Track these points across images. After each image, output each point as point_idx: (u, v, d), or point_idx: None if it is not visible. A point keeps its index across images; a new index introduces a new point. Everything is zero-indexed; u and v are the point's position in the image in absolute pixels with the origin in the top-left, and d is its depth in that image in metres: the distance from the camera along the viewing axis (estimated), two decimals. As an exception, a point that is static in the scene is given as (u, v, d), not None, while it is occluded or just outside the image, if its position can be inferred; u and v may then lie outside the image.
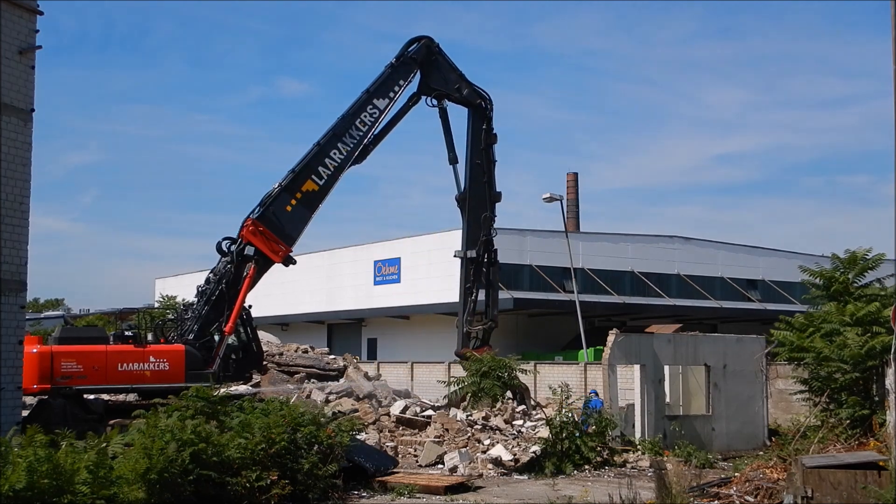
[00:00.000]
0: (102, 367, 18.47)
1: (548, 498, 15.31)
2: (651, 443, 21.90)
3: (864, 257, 20.23)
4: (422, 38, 24.48)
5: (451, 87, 25.16)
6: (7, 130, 15.17)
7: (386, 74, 23.75)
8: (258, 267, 21.24)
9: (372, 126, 23.10)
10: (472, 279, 25.94)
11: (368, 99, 23.16)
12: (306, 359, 29.53)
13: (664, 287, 47.48)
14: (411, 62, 24.16)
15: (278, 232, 21.48)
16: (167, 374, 19.01)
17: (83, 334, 19.98)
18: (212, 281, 21.12)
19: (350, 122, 22.70)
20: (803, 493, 12.62)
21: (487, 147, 25.83)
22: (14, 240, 15.21)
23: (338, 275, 49.90)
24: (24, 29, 15.66)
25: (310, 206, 21.99)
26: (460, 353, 26.10)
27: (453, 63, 25.26)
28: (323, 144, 22.26)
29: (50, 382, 17.81)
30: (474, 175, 25.69)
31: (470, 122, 25.72)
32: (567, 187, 54.31)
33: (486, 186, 25.99)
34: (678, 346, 24.15)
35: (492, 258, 26.22)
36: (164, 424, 13.21)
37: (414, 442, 21.21)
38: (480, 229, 25.88)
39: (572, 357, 35.43)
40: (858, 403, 18.11)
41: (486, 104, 25.70)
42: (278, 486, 13.66)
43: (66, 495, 11.50)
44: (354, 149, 22.66)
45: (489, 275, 26.28)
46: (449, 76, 25.04)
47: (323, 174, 22.07)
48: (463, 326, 25.97)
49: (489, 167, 25.92)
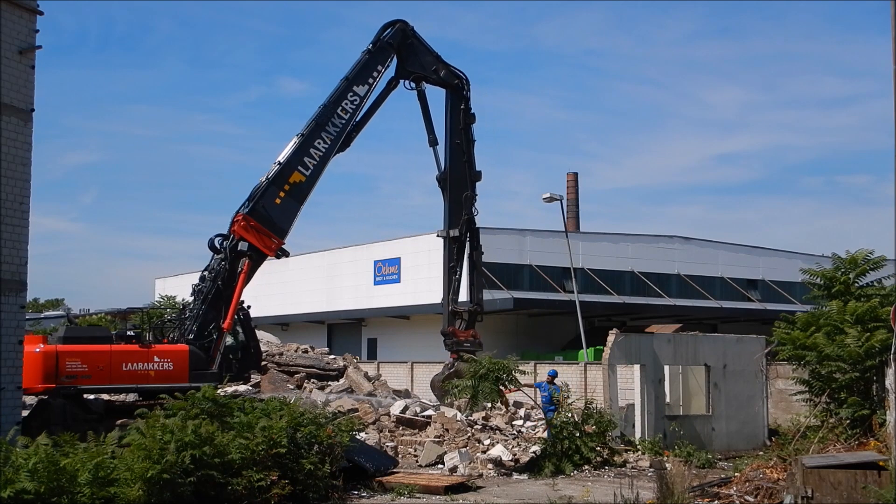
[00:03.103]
0: (107, 366, 18.36)
1: (548, 498, 15.31)
2: (651, 443, 21.89)
3: (865, 258, 20.25)
4: (396, 23, 24.53)
5: (429, 69, 25.34)
6: (7, 130, 15.16)
7: (364, 61, 23.74)
8: (252, 262, 21.20)
9: (354, 113, 23.17)
10: (455, 258, 26.04)
11: (348, 86, 23.19)
12: (306, 359, 29.53)
13: (664, 287, 47.47)
14: (388, 47, 24.21)
15: (270, 225, 21.46)
16: (171, 374, 18.94)
17: (87, 334, 19.87)
18: (207, 279, 21.07)
19: (332, 110, 22.72)
20: (803, 493, 12.62)
21: (466, 127, 26.13)
22: (14, 240, 15.20)
23: (338, 275, 49.88)
24: (24, 29, 15.65)
25: (298, 197, 22.01)
26: (447, 332, 26.11)
27: (429, 45, 25.42)
28: (307, 135, 22.24)
29: (55, 382, 17.70)
30: (454, 155, 25.97)
31: (448, 103, 25.90)
32: (567, 187, 54.30)
33: (466, 166, 26.23)
34: (678, 346, 24.14)
35: (475, 241, 26.40)
36: (165, 425, 13.20)
37: (414, 442, 21.20)
38: (462, 209, 26.04)
39: (572, 357, 35.41)
40: (858, 403, 18.12)
41: (463, 84, 25.89)
42: (278, 486, 13.66)
43: (65, 496, 11.51)
44: (338, 137, 22.72)
45: (472, 258, 26.45)
46: (425, 58, 25.21)
47: (309, 164, 22.09)
48: (449, 305, 26.03)
49: (468, 147, 26.21)
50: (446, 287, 26.28)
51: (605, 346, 23.12)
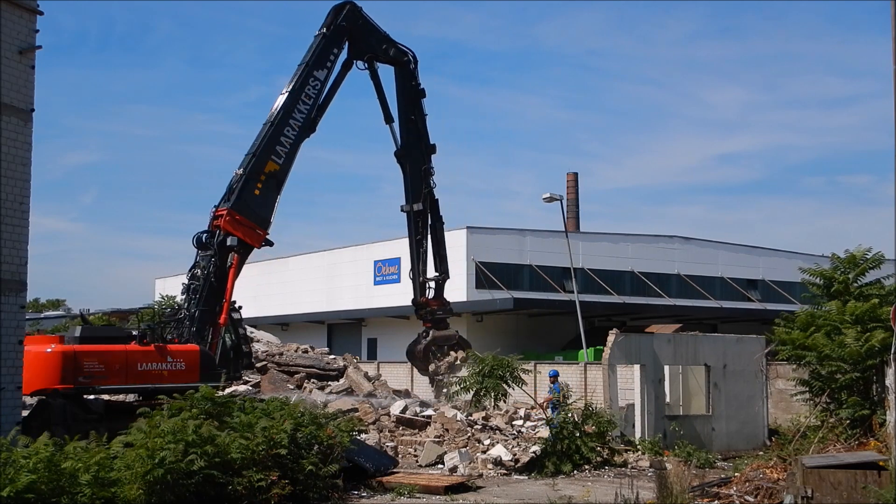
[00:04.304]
0: (123, 366, 18.34)
1: (548, 498, 15.31)
2: (651, 443, 21.90)
3: (863, 257, 20.24)
4: (346, 5, 24.74)
5: (379, 48, 25.80)
6: (7, 130, 15.15)
7: (321, 45, 23.96)
8: (240, 256, 21.33)
9: (316, 98, 23.54)
10: (420, 231, 26.79)
11: (309, 72, 23.45)
12: (306, 359, 29.54)
13: (664, 287, 47.46)
14: (342, 29, 24.43)
15: (254, 217, 21.62)
16: (183, 374, 18.96)
17: (103, 333, 19.86)
18: (200, 277, 21.08)
19: (297, 97, 23.03)
20: (803, 493, 12.62)
21: (417, 102, 26.34)
22: (14, 240, 15.18)
23: (338, 275, 49.86)
24: (24, 29, 15.63)
25: (275, 186, 22.31)
26: (419, 302, 26.93)
27: (377, 24, 25.78)
28: (276, 124, 22.50)
29: (73, 382, 17.67)
30: (409, 130, 26.42)
31: (398, 81, 26.28)
32: (567, 187, 54.30)
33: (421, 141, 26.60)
34: (678, 346, 24.15)
35: (436, 213, 26.85)
36: (167, 425, 13.20)
37: (414, 442, 21.20)
38: (422, 182, 26.34)
39: (572, 357, 35.38)
40: (858, 403, 18.12)
41: (411, 60, 26.24)
42: (278, 486, 13.66)
43: (66, 496, 11.51)
44: (305, 123, 23.08)
45: (435, 230, 26.65)
46: (376, 38, 25.57)
47: (281, 153, 22.38)
48: (419, 276, 26.85)
49: (422, 121, 26.42)
50: (415, 259, 26.84)
51: (605, 346, 23.13)
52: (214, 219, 21.39)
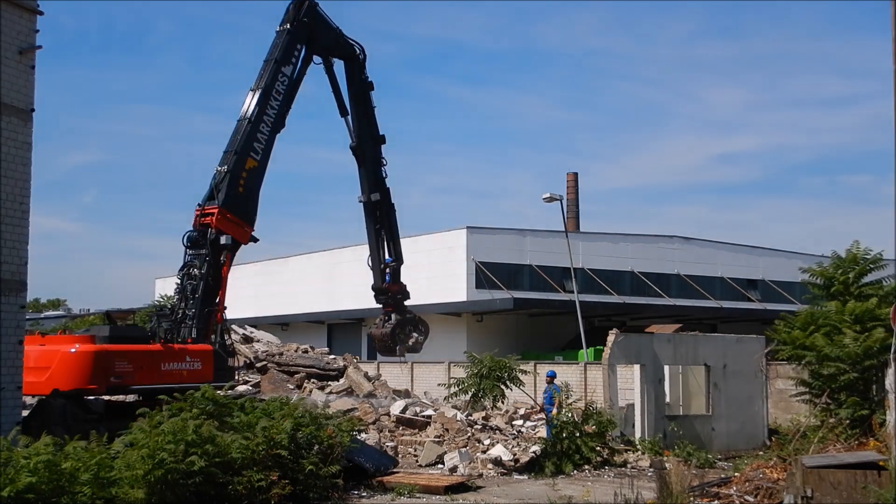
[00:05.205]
0: (148, 366, 18.54)
1: (548, 498, 15.32)
2: (651, 443, 21.90)
3: (863, 257, 20.25)
4: (305, 1, 24.90)
5: (335, 43, 26.04)
6: (7, 130, 15.15)
7: (287, 41, 24.13)
8: (231, 253, 21.55)
9: (285, 94, 23.70)
10: (379, 220, 27.51)
11: (278, 68, 23.67)
12: (306, 359, 29.57)
13: (664, 287, 47.46)
14: (304, 25, 24.57)
15: (242, 215, 21.88)
16: (199, 374, 19.17)
17: (129, 334, 20.06)
18: (197, 277, 21.13)
19: (269, 93, 23.16)
20: (803, 493, 12.62)
21: (368, 94, 26.71)
22: (14, 240, 15.18)
23: (338, 275, 49.87)
24: (24, 29, 15.63)
25: (255, 182, 22.56)
26: (380, 288, 27.52)
27: (330, 19, 26.01)
28: (254, 121, 22.71)
29: (104, 382, 17.84)
30: (362, 123, 26.58)
31: (349, 74, 26.52)
32: (567, 187, 54.31)
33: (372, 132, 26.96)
34: (678, 346, 24.15)
35: (388, 201, 27.42)
36: (167, 425, 13.20)
37: (414, 442, 21.21)
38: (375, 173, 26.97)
39: (572, 357, 35.42)
40: (858, 403, 18.13)
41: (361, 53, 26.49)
42: (279, 486, 13.66)
43: (66, 496, 11.50)
44: (276, 119, 23.40)
45: (390, 218, 27.51)
46: (332, 32, 25.69)
47: (258, 150, 22.70)
48: (380, 263, 27.63)
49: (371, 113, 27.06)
50: (374, 248, 27.61)
51: (605, 346, 23.12)
52: (202, 217, 21.49)
